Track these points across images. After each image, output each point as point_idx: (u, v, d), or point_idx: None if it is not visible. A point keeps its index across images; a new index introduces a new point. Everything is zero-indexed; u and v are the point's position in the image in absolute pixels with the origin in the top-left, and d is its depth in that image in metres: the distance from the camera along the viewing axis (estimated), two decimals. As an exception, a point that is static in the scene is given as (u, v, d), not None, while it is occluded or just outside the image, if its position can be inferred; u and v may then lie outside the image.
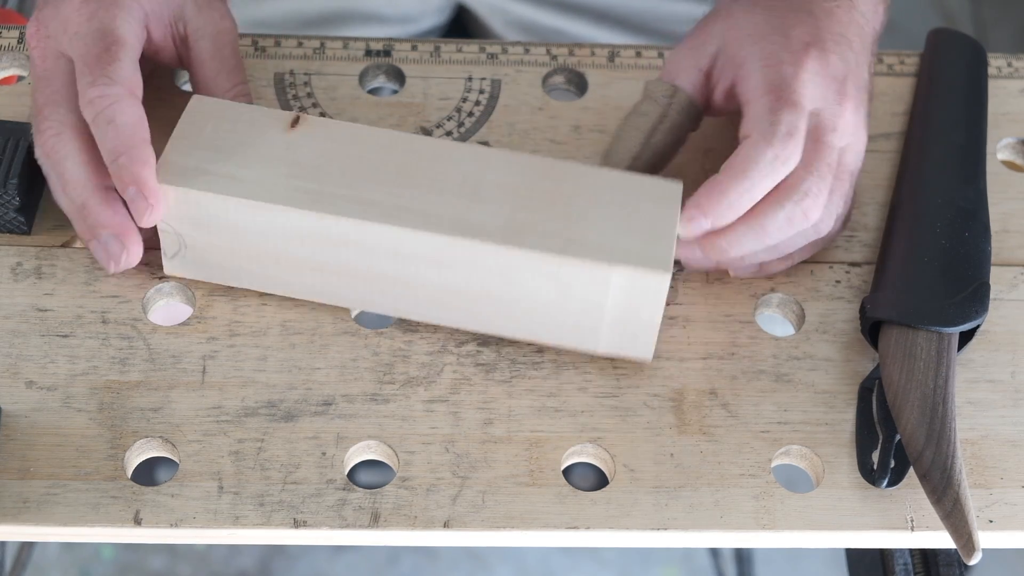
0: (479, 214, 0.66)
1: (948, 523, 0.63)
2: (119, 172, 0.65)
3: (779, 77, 0.68)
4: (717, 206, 0.67)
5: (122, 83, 0.67)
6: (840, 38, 0.71)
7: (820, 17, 0.71)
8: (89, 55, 0.67)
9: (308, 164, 0.67)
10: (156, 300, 0.71)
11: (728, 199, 0.67)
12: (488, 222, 0.65)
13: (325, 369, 0.69)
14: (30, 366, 0.68)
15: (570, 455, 0.68)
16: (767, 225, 0.68)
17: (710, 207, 0.67)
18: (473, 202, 0.66)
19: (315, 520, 0.64)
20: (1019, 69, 0.84)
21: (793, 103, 0.68)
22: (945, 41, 0.84)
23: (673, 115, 0.72)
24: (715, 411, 0.69)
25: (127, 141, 0.65)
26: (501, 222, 0.66)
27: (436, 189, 0.66)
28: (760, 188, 0.67)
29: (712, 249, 0.68)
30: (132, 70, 0.68)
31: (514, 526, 0.65)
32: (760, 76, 0.69)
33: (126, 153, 0.65)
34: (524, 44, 0.83)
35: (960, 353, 0.70)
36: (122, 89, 0.67)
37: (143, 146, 0.66)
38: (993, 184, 0.78)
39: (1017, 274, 0.75)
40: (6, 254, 0.72)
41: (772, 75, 0.68)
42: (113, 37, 0.68)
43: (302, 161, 0.67)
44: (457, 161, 0.68)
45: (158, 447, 0.66)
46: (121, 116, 0.66)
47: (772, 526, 0.66)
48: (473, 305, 0.68)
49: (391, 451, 0.67)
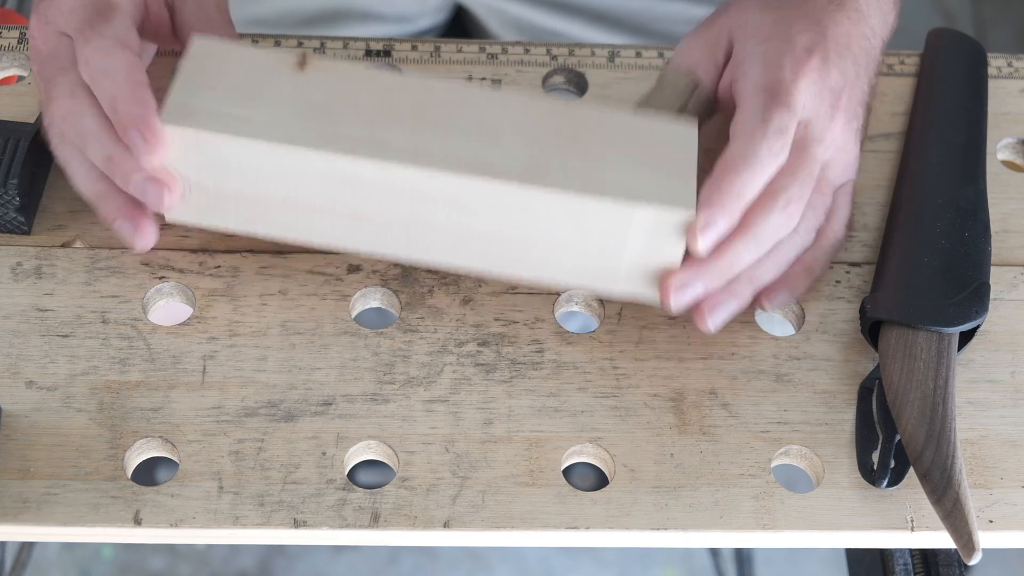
0: (498, 155, 0.65)
1: (948, 523, 0.63)
2: (119, 118, 0.65)
3: (777, 79, 0.68)
4: (727, 201, 0.66)
5: (113, 38, 0.66)
6: (844, 50, 0.71)
7: (828, 27, 0.71)
8: (83, 22, 0.67)
9: (320, 104, 0.65)
10: (156, 300, 0.71)
11: (735, 191, 0.66)
12: (507, 162, 0.65)
13: (325, 369, 0.69)
14: (30, 366, 0.68)
15: (570, 455, 0.68)
16: (759, 232, 0.67)
17: (721, 204, 0.66)
18: (491, 143, 0.65)
19: (315, 520, 0.64)
20: (1019, 69, 0.84)
21: (786, 105, 0.68)
22: (945, 41, 0.84)
23: (692, 108, 0.72)
24: (715, 411, 0.69)
25: (123, 86, 0.65)
26: (520, 163, 0.65)
27: (453, 130, 0.65)
28: (759, 180, 0.67)
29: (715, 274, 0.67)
30: (125, 28, 0.67)
31: (514, 526, 0.65)
32: (759, 76, 0.69)
33: (122, 97, 0.65)
34: (524, 44, 0.83)
35: (960, 353, 0.70)
36: (112, 42, 0.66)
37: (139, 88, 0.65)
38: (993, 184, 0.78)
39: (1017, 274, 0.75)
40: (6, 254, 0.72)
41: (771, 76, 0.69)
42: (105, 3, 0.68)
43: (313, 102, 0.65)
44: (473, 103, 0.67)
45: (158, 447, 0.66)
46: (114, 64, 0.65)
47: (772, 526, 0.66)
48: (490, 248, 0.67)
49: (391, 451, 0.67)
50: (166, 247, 0.72)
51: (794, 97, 0.68)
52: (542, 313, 0.72)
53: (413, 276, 0.72)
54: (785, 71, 0.69)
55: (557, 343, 0.71)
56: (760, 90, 0.68)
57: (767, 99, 0.68)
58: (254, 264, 0.72)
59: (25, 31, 0.79)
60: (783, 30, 0.70)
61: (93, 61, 0.66)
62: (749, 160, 0.66)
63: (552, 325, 0.71)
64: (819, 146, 0.69)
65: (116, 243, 0.72)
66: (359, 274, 0.72)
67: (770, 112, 0.67)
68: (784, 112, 0.68)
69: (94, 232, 0.73)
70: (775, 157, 0.67)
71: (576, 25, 1.02)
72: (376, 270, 0.72)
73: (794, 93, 0.68)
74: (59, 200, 0.74)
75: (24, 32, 0.80)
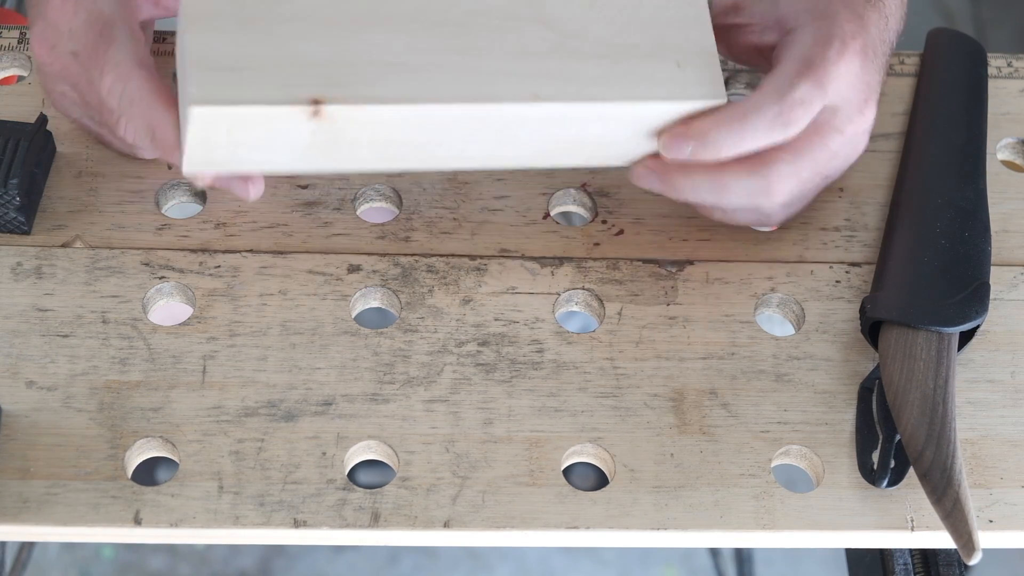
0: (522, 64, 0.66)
1: (948, 523, 0.63)
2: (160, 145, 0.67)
3: (822, 55, 0.68)
4: (705, 136, 0.67)
5: (127, 62, 0.67)
6: (882, 47, 0.71)
7: (869, 24, 0.70)
8: (90, 48, 0.68)
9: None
10: (156, 300, 0.71)
11: (719, 134, 0.67)
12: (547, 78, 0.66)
13: (325, 369, 0.69)
14: (30, 366, 0.68)
15: (570, 455, 0.68)
16: (730, 187, 0.68)
17: (700, 135, 0.67)
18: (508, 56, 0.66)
19: (315, 520, 0.64)
20: (1019, 69, 0.84)
21: (819, 82, 0.67)
22: (945, 41, 0.84)
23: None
24: (715, 411, 0.69)
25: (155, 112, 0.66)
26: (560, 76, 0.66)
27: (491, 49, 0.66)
28: (752, 139, 0.67)
29: (669, 185, 0.68)
30: (132, 45, 0.68)
31: (514, 526, 0.65)
32: (806, 46, 0.68)
33: (159, 125, 0.66)
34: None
35: (960, 353, 0.70)
36: (127, 67, 0.67)
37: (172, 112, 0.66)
38: (993, 184, 0.78)
39: (1017, 274, 0.75)
40: (6, 254, 0.72)
41: (816, 51, 0.68)
42: (101, 21, 0.68)
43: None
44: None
45: (158, 447, 0.66)
46: (139, 91, 0.66)
47: (772, 526, 0.66)
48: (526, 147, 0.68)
49: (391, 451, 0.67)
50: (166, 247, 0.72)
51: (830, 76, 0.67)
52: (542, 313, 0.72)
53: (413, 276, 0.72)
54: (831, 50, 0.68)
55: (557, 343, 0.71)
56: (800, 59, 0.68)
57: (803, 68, 0.67)
58: (254, 264, 0.72)
59: (25, 31, 0.80)
60: (833, 14, 0.69)
61: (117, 91, 0.67)
62: (749, 117, 0.67)
63: (552, 325, 0.71)
64: (838, 136, 0.69)
65: (116, 243, 0.72)
66: (359, 274, 0.72)
67: (799, 80, 0.67)
68: (813, 88, 0.67)
69: (94, 232, 0.73)
70: (784, 126, 0.67)
71: None
72: (376, 270, 0.72)
73: (832, 73, 0.67)
74: (59, 200, 0.74)
75: (24, 32, 0.80)
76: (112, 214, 0.73)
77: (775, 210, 0.70)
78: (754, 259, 0.74)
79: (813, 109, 0.67)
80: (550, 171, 0.76)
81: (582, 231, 0.75)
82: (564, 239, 0.75)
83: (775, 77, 0.68)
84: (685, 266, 0.74)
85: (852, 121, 0.69)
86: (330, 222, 0.74)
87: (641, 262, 0.74)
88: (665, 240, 0.75)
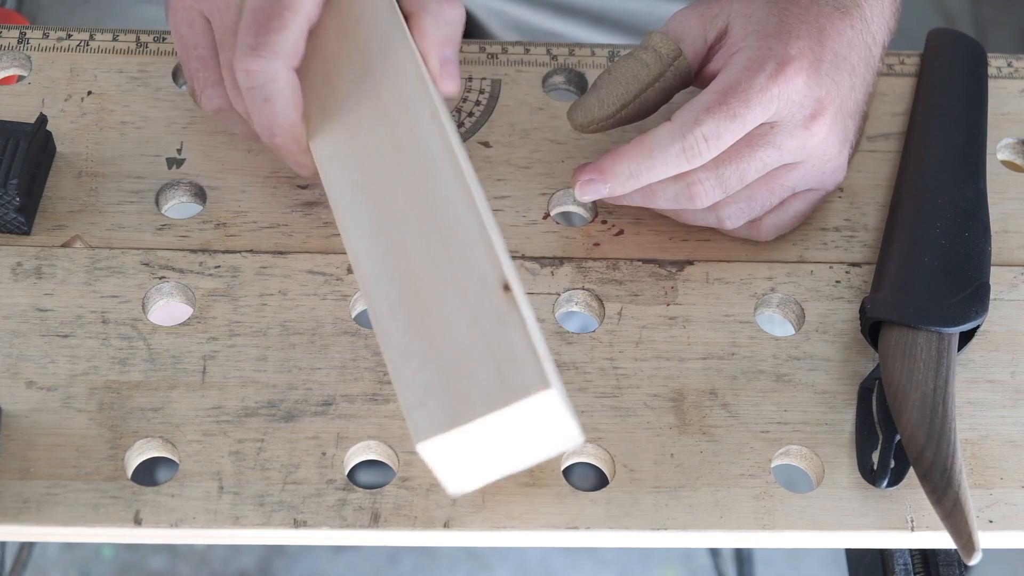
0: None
1: (948, 523, 0.63)
2: (274, 145, 0.67)
3: (748, 83, 0.68)
4: (617, 176, 0.68)
5: (284, 57, 0.65)
6: (841, 60, 0.70)
7: (830, 35, 0.70)
8: (258, 13, 0.65)
9: None
10: (156, 300, 0.71)
11: (628, 170, 0.68)
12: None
13: (325, 369, 0.69)
14: (30, 366, 0.68)
15: (570, 455, 0.68)
16: (656, 192, 0.69)
17: (611, 174, 0.68)
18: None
19: (315, 520, 0.64)
20: (1019, 69, 0.84)
21: (732, 112, 0.67)
22: (945, 41, 0.84)
23: (670, 76, 0.71)
24: (715, 411, 0.69)
25: (282, 120, 0.66)
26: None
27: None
28: (663, 171, 0.68)
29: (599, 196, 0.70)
30: (298, 41, 0.66)
31: (514, 526, 0.65)
32: (731, 75, 0.68)
33: (280, 132, 0.66)
34: (524, 44, 0.83)
35: (960, 353, 0.70)
36: (281, 62, 0.65)
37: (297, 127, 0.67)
38: (993, 184, 0.78)
39: (1017, 274, 0.75)
40: (6, 254, 0.72)
41: (743, 77, 0.68)
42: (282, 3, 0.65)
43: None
44: None
45: (158, 447, 0.66)
46: (278, 92, 0.65)
47: (772, 526, 0.66)
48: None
49: (391, 451, 0.67)
50: (166, 247, 0.72)
51: (749, 104, 0.67)
52: (542, 313, 0.72)
53: (413, 276, 0.72)
54: (761, 75, 0.68)
55: (557, 343, 0.71)
56: (718, 90, 0.68)
57: (718, 100, 0.67)
58: (254, 264, 0.72)
59: (25, 31, 0.79)
60: (782, 32, 0.69)
61: (256, 80, 0.65)
62: (654, 153, 0.67)
63: (552, 325, 0.71)
64: (773, 151, 0.69)
65: (116, 243, 0.72)
66: (359, 274, 0.72)
67: (706, 116, 0.67)
68: (724, 120, 0.67)
69: (94, 232, 0.73)
70: (689, 160, 0.67)
71: (577, 27, 1.02)
72: (376, 270, 0.72)
73: (752, 99, 0.67)
74: (59, 200, 0.74)
75: (24, 32, 0.79)
76: (112, 214, 0.73)
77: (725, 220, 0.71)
78: (754, 259, 0.75)
79: (724, 141, 0.67)
80: (550, 171, 0.76)
81: (582, 231, 0.75)
82: (564, 239, 0.75)
83: (685, 111, 0.68)
84: (685, 266, 0.74)
85: (793, 136, 0.69)
86: (330, 222, 0.74)
87: (641, 262, 0.74)
88: (665, 240, 0.75)
